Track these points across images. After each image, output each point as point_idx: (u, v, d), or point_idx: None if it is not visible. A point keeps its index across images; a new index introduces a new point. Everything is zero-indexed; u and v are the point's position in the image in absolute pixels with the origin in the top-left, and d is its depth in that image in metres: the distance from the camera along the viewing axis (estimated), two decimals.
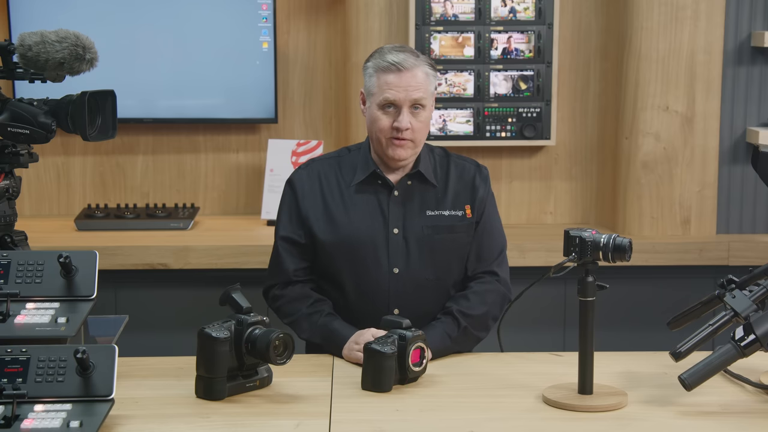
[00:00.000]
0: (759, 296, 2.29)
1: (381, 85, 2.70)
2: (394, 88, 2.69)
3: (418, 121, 2.71)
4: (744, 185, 3.91)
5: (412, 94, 2.69)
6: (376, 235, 2.75)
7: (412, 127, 2.70)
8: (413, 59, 2.71)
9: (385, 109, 2.71)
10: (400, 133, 2.70)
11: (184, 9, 3.96)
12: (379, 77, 2.71)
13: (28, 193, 4.06)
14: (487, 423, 2.18)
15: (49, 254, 2.27)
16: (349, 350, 2.60)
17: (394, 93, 2.69)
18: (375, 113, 2.73)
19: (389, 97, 2.69)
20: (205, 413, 2.21)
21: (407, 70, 2.69)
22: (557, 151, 4.05)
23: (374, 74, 2.72)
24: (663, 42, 3.76)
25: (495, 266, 2.81)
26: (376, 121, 2.73)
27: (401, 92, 2.69)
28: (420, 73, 2.71)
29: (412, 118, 2.70)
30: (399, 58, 2.70)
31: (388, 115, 2.71)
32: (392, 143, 2.72)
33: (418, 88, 2.70)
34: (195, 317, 2.97)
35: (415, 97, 2.69)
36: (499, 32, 3.87)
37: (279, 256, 2.80)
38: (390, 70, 2.70)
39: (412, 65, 2.70)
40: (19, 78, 2.37)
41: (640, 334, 3.75)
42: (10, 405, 2.02)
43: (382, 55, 2.72)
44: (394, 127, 2.70)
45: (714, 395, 2.32)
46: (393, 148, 2.72)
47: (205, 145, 4.12)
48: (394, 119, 2.70)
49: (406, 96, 2.69)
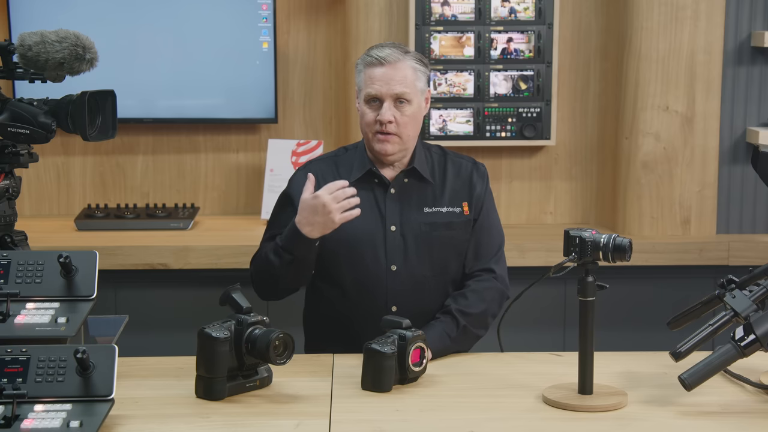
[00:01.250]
0: (759, 296, 2.29)
1: (366, 79, 2.73)
2: (377, 82, 2.71)
3: (403, 116, 2.72)
4: (744, 185, 3.91)
5: (394, 88, 2.70)
6: (374, 232, 2.75)
7: (396, 121, 2.71)
8: (399, 54, 2.72)
9: (370, 104, 2.73)
10: (383, 127, 2.71)
11: (184, 9, 3.96)
12: (365, 72, 2.74)
13: (28, 193, 4.06)
14: (487, 423, 2.18)
15: (49, 254, 2.27)
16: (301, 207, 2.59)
17: (377, 87, 2.71)
18: (362, 108, 2.76)
19: (371, 92, 2.72)
20: (205, 413, 2.21)
21: (390, 65, 2.71)
22: (557, 151, 4.05)
23: (362, 70, 2.76)
24: (663, 42, 3.76)
25: (493, 263, 2.81)
26: (363, 116, 2.76)
27: (383, 86, 2.70)
28: (405, 68, 2.72)
29: (396, 112, 2.71)
30: (384, 53, 2.72)
31: (373, 110, 2.73)
32: (377, 138, 2.73)
33: (401, 83, 2.70)
34: (195, 317, 2.96)
35: (397, 92, 2.70)
36: (499, 32, 3.88)
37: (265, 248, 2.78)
38: (374, 64, 2.72)
39: (396, 59, 2.71)
40: (19, 78, 2.37)
41: (640, 334, 3.75)
42: (10, 405, 2.01)
43: (370, 51, 2.76)
44: (377, 120, 2.71)
45: (714, 395, 2.32)
46: (378, 143, 2.73)
47: (205, 145, 4.12)
48: (378, 113, 2.71)
49: (388, 90, 2.70)
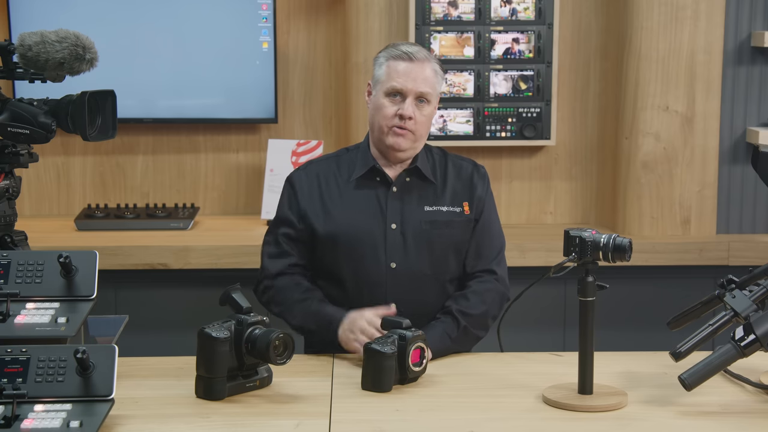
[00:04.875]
0: (759, 296, 2.29)
1: (390, 72, 2.73)
2: (403, 76, 2.71)
3: (422, 115, 2.73)
4: (744, 185, 3.91)
5: (419, 85, 2.71)
6: (374, 230, 2.75)
7: (415, 119, 2.71)
8: (425, 54, 2.76)
9: (391, 97, 2.73)
10: (403, 122, 2.71)
11: (184, 9, 3.96)
12: (389, 65, 2.74)
13: (28, 193, 4.06)
14: (487, 423, 2.18)
15: (49, 254, 2.27)
16: (346, 338, 2.61)
17: (402, 81, 2.71)
18: (380, 101, 2.74)
19: (396, 86, 2.71)
20: (205, 413, 2.21)
21: (418, 62, 2.72)
22: (557, 151, 4.05)
23: (385, 62, 2.75)
24: (663, 42, 3.76)
25: (494, 265, 2.82)
26: (381, 109, 2.74)
27: (409, 82, 2.71)
28: (429, 69, 2.74)
29: (416, 110, 2.72)
30: (412, 50, 2.74)
31: (394, 103, 2.73)
32: (393, 131, 2.73)
33: (425, 82, 2.72)
34: (195, 317, 2.95)
35: (421, 90, 2.71)
36: (500, 32, 3.88)
37: (272, 250, 2.80)
38: (402, 58, 2.73)
39: (423, 58, 2.74)
40: (19, 78, 2.37)
41: (640, 334, 3.75)
42: (10, 405, 2.01)
43: (396, 46, 2.77)
44: (398, 114, 2.71)
45: (714, 395, 2.32)
46: (394, 136, 2.73)
47: (205, 145, 4.12)
48: (399, 107, 2.71)
49: (413, 86, 2.71)
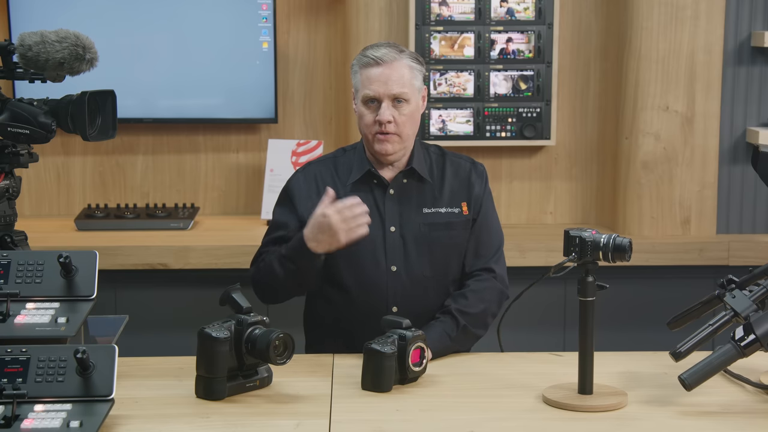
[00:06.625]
0: (759, 296, 2.29)
1: (363, 80, 2.73)
2: (375, 82, 2.70)
3: (402, 115, 2.71)
4: (744, 185, 3.91)
5: (392, 88, 2.70)
6: (373, 233, 2.74)
7: (395, 121, 2.71)
8: (394, 53, 2.72)
9: (368, 105, 2.73)
10: (383, 127, 2.71)
11: (184, 9, 3.96)
12: (362, 73, 2.73)
13: (28, 193, 4.06)
14: (487, 423, 2.18)
15: (49, 254, 2.27)
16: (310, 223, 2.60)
17: (375, 88, 2.70)
18: (360, 110, 2.76)
19: (369, 93, 2.71)
20: (205, 413, 2.21)
21: (387, 64, 2.70)
22: (557, 151, 4.05)
23: (358, 71, 2.75)
24: (663, 42, 3.76)
25: (492, 263, 2.81)
26: (362, 117, 2.75)
27: (381, 86, 2.70)
28: (401, 67, 2.71)
29: (394, 112, 2.70)
30: (379, 53, 2.71)
31: (371, 110, 2.73)
32: (377, 138, 2.73)
33: (398, 82, 2.70)
34: (195, 317, 2.96)
35: (395, 92, 2.70)
36: (499, 32, 3.87)
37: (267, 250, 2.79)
38: (370, 64, 2.71)
39: (393, 59, 2.71)
40: (19, 78, 2.37)
41: (640, 334, 3.75)
42: (10, 405, 2.01)
43: (365, 51, 2.75)
44: (376, 120, 2.71)
45: (714, 395, 2.32)
46: (378, 143, 2.73)
47: (205, 145, 4.11)
48: (377, 114, 2.71)
49: (386, 90, 2.70)
